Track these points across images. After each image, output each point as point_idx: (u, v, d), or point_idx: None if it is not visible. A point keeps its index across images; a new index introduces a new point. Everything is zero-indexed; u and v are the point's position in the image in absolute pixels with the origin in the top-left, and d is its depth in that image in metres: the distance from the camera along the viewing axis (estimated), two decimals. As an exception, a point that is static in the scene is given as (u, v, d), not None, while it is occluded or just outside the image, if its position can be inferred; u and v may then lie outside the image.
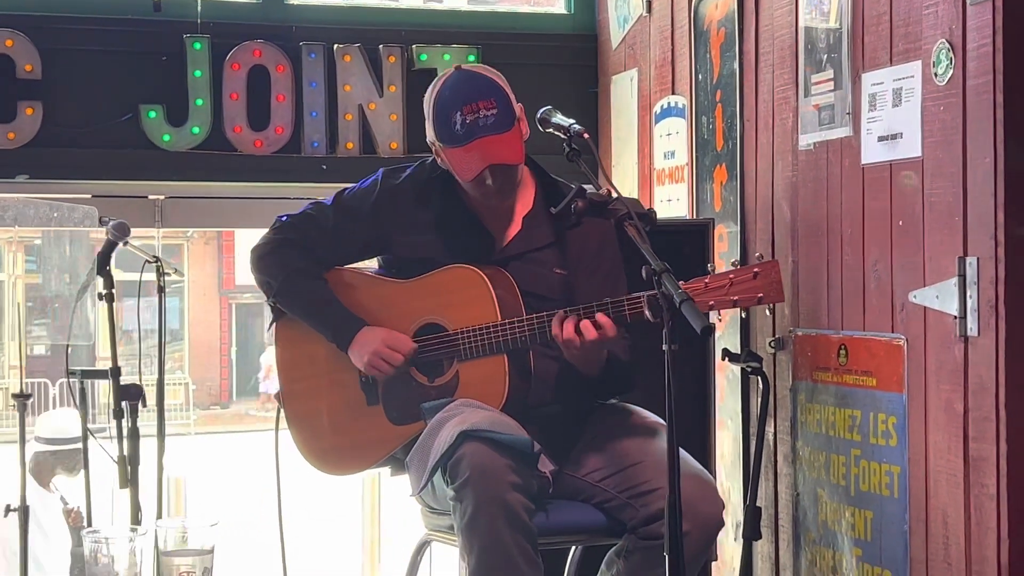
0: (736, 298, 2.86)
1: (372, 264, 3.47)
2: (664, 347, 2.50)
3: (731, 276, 2.87)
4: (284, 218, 3.40)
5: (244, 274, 25.26)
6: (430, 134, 3.26)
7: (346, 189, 3.41)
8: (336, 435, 3.35)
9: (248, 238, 24.02)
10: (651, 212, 2.89)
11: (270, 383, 23.67)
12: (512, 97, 3.23)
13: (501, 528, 2.85)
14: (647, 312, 2.64)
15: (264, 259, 3.38)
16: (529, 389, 3.18)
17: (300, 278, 3.32)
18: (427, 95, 3.28)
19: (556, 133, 3.08)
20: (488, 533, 2.86)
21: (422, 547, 3.31)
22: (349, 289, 3.34)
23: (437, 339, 3.23)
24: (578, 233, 3.24)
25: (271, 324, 3.42)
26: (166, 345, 4.24)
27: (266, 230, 3.46)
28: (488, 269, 3.20)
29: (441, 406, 3.11)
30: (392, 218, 3.30)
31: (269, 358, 23.85)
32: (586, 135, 2.97)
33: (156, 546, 2.68)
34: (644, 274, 2.60)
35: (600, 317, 3.02)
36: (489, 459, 2.86)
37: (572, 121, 3.04)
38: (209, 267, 25.97)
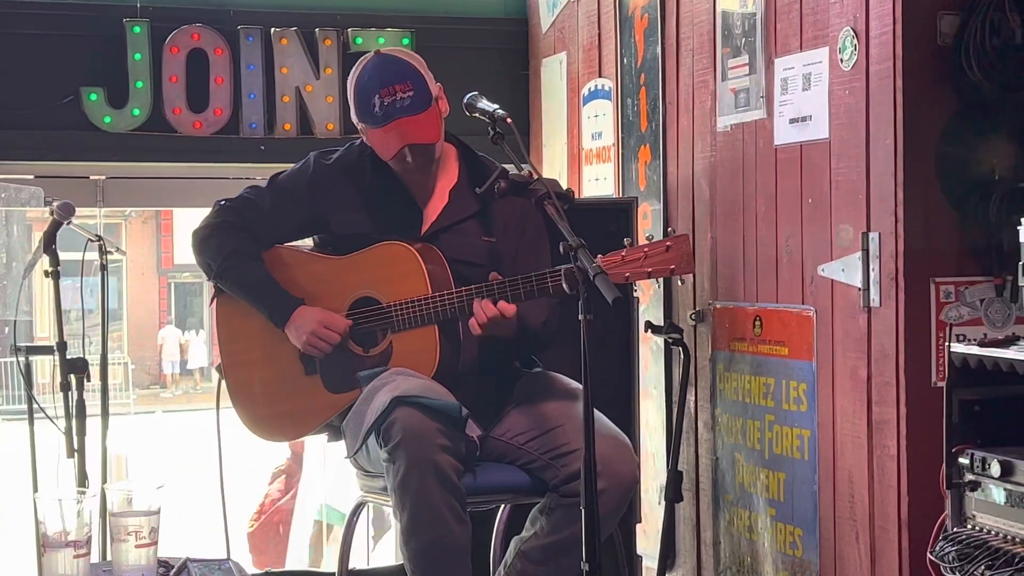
0: (650, 270, 3.04)
1: (308, 242, 3.63)
2: (580, 317, 2.68)
3: (646, 249, 3.06)
4: (223, 202, 3.56)
5: (182, 254, 25.15)
6: (353, 116, 3.45)
7: (281, 172, 3.58)
8: (277, 404, 3.51)
9: (187, 218, 23.87)
10: (569, 192, 3.07)
11: (167, 364, 23.82)
12: (429, 78, 3.43)
13: (431, 487, 3.03)
14: (564, 285, 2.82)
15: (204, 242, 3.54)
16: (459, 358, 3.36)
17: (239, 259, 3.48)
18: (349, 79, 3.49)
19: (481, 118, 3.25)
20: (419, 492, 3.04)
21: (358, 508, 3.48)
22: (287, 267, 3.50)
23: (371, 312, 3.40)
24: (502, 202, 3.41)
25: (212, 299, 3.57)
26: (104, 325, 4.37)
27: (206, 209, 3.62)
28: (418, 244, 3.38)
29: (376, 374, 3.29)
30: (326, 198, 3.47)
31: (165, 335, 23.95)
32: (509, 120, 3.14)
33: (105, 508, 2.83)
34: (561, 250, 2.78)
35: (501, 303, 3.23)
36: (420, 423, 3.04)
37: (496, 106, 3.21)
38: (147, 247, 25.85)
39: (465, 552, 3.11)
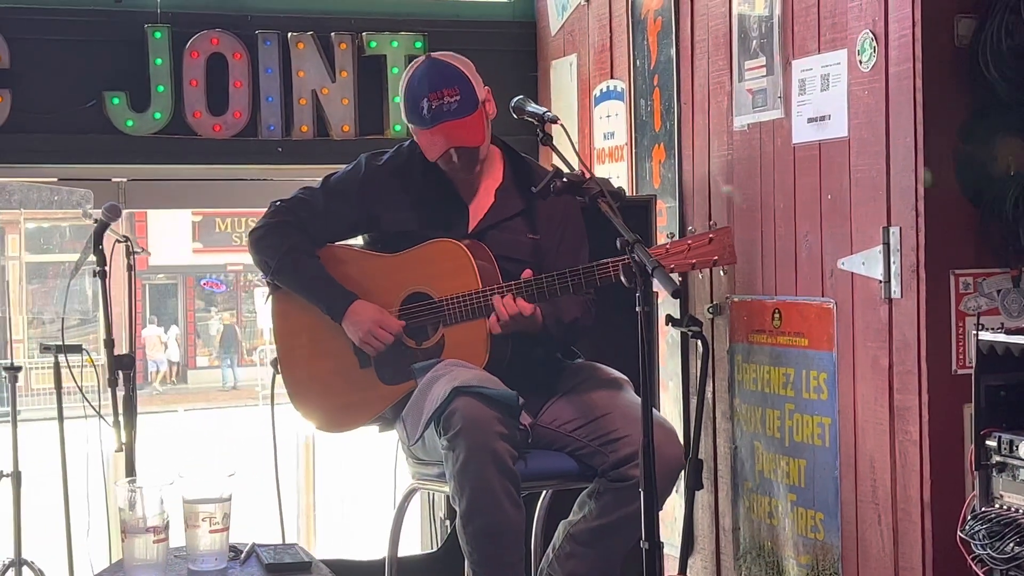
0: (694, 261, 3.20)
1: (359, 240, 3.76)
2: (637, 308, 2.82)
3: (689, 242, 3.21)
4: (278, 202, 3.69)
5: (157, 255, 25.17)
6: (403, 115, 3.61)
7: (333, 174, 3.72)
8: (332, 396, 3.65)
9: (161, 220, 23.69)
10: (620, 190, 3.22)
11: (150, 364, 23.94)
12: (476, 83, 3.58)
13: (490, 473, 3.17)
14: (622, 278, 2.95)
15: (261, 241, 3.67)
16: (508, 350, 3.50)
17: (295, 257, 3.61)
18: (401, 80, 3.64)
19: (530, 120, 3.40)
20: (478, 478, 3.18)
21: (409, 494, 3.62)
22: (341, 264, 3.64)
23: (424, 306, 3.54)
24: (545, 202, 3.56)
25: (267, 297, 3.70)
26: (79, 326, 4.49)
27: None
28: (468, 241, 3.53)
29: (430, 366, 3.43)
30: (377, 198, 3.60)
31: (147, 335, 24.03)
32: (560, 122, 3.29)
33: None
34: (618, 244, 2.92)
35: (519, 301, 3.39)
36: (479, 412, 3.18)
37: (545, 109, 3.37)
38: (122, 248, 25.77)
39: (520, 534, 3.26)
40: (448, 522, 4.37)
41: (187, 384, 25.85)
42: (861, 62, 3.75)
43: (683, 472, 4.37)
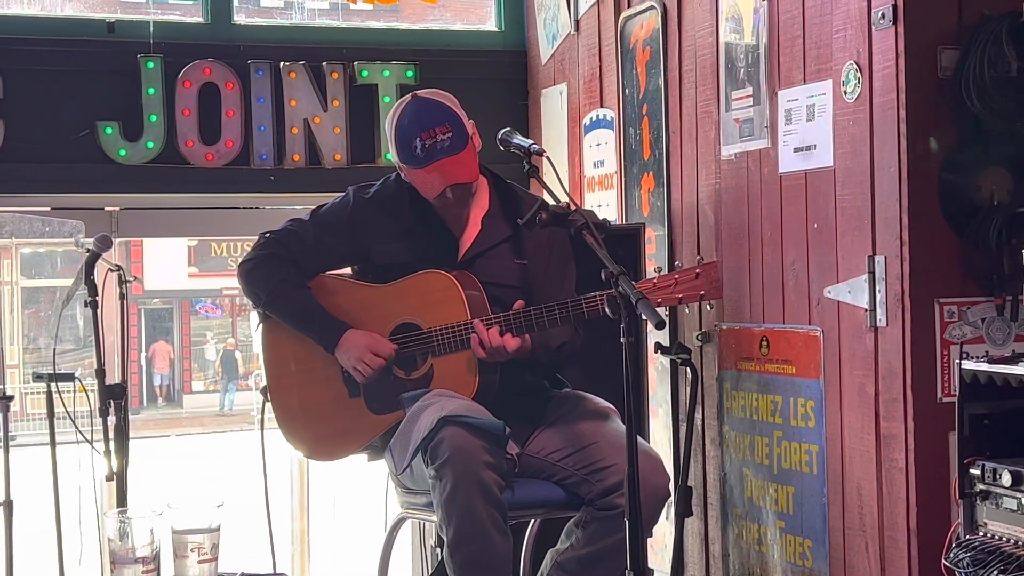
0: (681, 296, 3.23)
1: (349, 270, 3.79)
2: (622, 340, 2.85)
3: (676, 276, 3.24)
4: (267, 234, 3.73)
5: (152, 280, 25.19)
6: (394, 157, 3.62)
7: (322, 206, 3.75)
8: (322, 425, 3.67)
9: (156, 243, 23.74)
10: (605, 221, 3.25)
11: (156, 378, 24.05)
12: (463, 117, 3.61)
13: (476, 502, 3.20)
14: (607, 310, 2.97)
15: (251, 273, 3.69)
16: (496, 380, 3.53)
17: (286, 288, 3.64)
18: (388, 121, 3.65)
19: (516, 152, 3.43)
20: (465, 507, 3.20)
21: (398, 523, 3.64)
22: (331, 294, 3.66)
23: (413, 337, 3.57)
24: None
25: (257, 325, 3.73)
26: (75, 352, 4.51)
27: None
28: (456, 272, 3.56)
29: (418, 396, 3.46)
30: (366, 230, 3.64)
31: (156, 349, 24.12)
32: (545, 154, 3.33)
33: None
34: (603, 277, 2.95)
35: (506, 336, 3.42)
36: (466, 441, 3.21)
37: (531, 142, 3.40)
38: (114, 276, 25.71)
39: (507, 562, 3.27)
40: (438, 550, 4.38)
41: (182, 408, 25.83)
42: (846, 92, 3.78)
43: (672, 499, 4.41)
